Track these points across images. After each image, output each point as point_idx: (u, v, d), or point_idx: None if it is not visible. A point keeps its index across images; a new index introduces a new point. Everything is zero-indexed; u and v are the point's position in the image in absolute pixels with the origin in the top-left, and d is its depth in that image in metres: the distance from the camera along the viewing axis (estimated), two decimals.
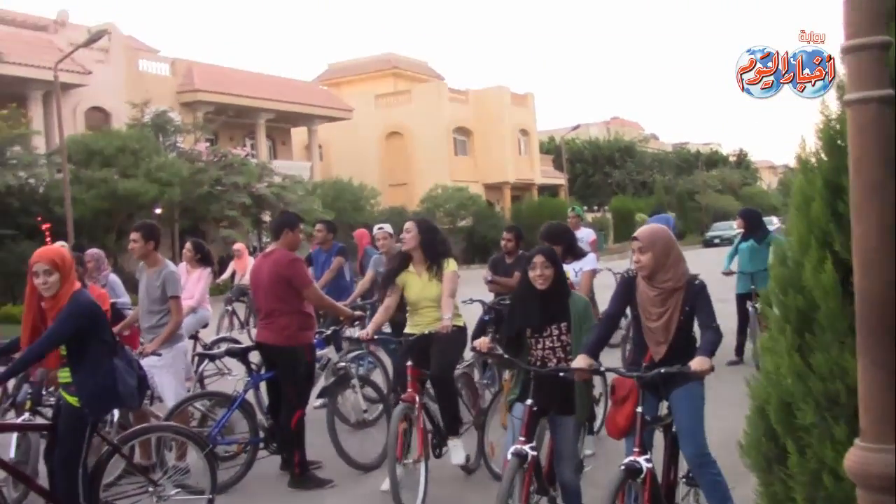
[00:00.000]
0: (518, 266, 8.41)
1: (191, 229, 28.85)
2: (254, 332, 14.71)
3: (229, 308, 15.11)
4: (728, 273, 10.69)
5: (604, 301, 4.99)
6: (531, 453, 4.42)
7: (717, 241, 46.46)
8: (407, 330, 6.31)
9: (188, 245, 9.98)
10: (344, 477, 6.53)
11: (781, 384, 2.88)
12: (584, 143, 62.49)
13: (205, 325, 9.80)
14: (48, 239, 18.71)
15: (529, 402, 4.54)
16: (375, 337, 6.33)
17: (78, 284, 5.01)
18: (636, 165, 62.54)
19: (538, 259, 4.74)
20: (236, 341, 10.17)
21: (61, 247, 5.40)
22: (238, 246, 16.55)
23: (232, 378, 9.62)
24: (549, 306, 4.74)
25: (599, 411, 6.90)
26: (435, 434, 6.16)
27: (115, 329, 6.98)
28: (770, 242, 9.81)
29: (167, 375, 6.80)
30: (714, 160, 74.18)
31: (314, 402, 7.98)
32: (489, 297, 8.71)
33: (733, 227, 43.44)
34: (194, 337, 9.58)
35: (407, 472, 5.79)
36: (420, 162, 46.44)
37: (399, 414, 5.68)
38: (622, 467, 4.12)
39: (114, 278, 8.45)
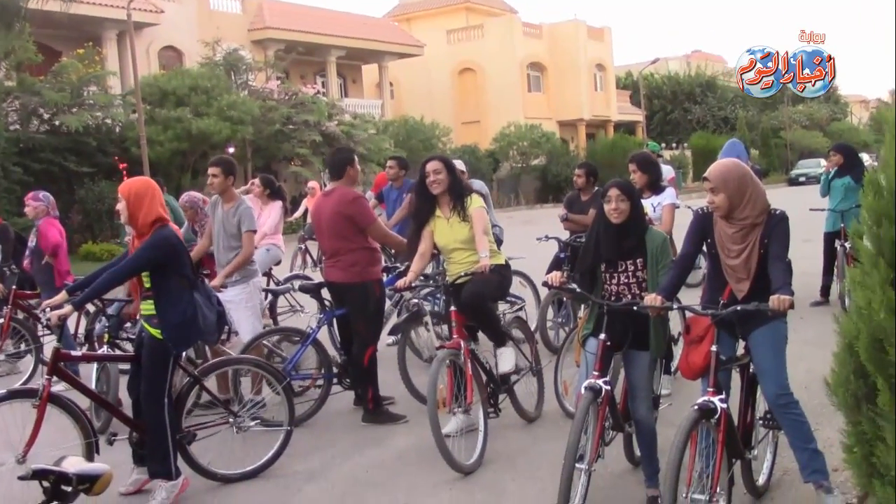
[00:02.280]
0: (593, 203, 8.30)
1: (263, 168, 29.21)
2: None
3: (302, 246, 15.31)
4: (816, 210, 10.37)
5: (681, 239, 4.88)
6: (605, 387, 4.37)
7: (802, 179, 45.16)
8: (448, 279, 6.05)
9: (256, 181, 10.09)
10: (416, 413, 6.62)
11: (873, 319, 2.78)
12: (663, 78, 60.94)
13: (277, 263, 9.95)
14: (125, 179, 19.17)
15: (602, 336, 4.48)
16: (414, 286, 6.14)
17: (160, 216, 5.10)
18: (718, 101, 60.80)
19: (613, 192, 4.62)
20: (308, 279, 10.34)
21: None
22: (312, 184, 16.71)
23: (305, 315, 9.82)
24: (624, 241, 4.65)
25: (677, 351, 6.81)
26: (490, 382, 6.03)
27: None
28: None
29: (244, 311, 6.95)
30: (801, 95, 71.64)
31: (386, 338, 8.07)
32: (565, 235, 8.66)
33: (821, 165, 42.23)
34: (267, 274, 9.75)
35: (464, 420, 5.75)
36: (492, 99, 46.02)
37: (441, 360, 5.52)
38: (695, 407, 4.04)
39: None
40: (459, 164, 8.68)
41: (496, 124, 43.44)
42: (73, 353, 5.62)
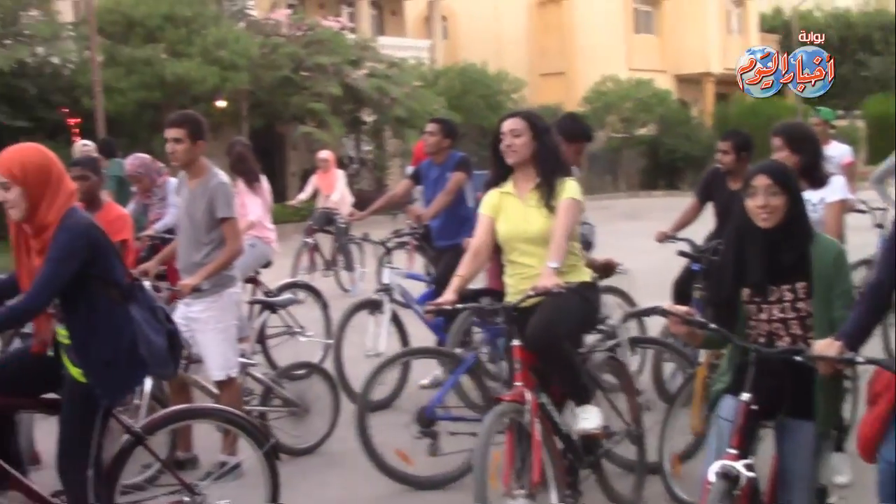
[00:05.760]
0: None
1: (264, 130, 29.26)
2: (343, 275, 14.97)
3: (310, 241, 15.24)
4: None
5: (854, 251, 4.64)
6: (747, 474, 4.28)
7: None
8: (510, 298, 5.94)
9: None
10: None
11: None
12: (827, 16, 60.40)
13: (266, 265, 9.86)
14: (76, 139, 19.28)
15: (746, 396, 4.40)
16: (459, 306, 5.90)
17: (72, 200, 4.83)
18: None
19: (760, 180, 4.48)
20: (313, 289, 10.33)
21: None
22: (325, 154, 16.60)
23: (305, 339, 9.64)
24: (778, 255, 4.51)
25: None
26: (567, 452, 5.85)
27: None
28: None
29: (211, 335, 6.80)
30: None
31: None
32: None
33: None
34: (252, 280, 9.66)
35: None
36: (584, 42, 45.95)
37: (496, 419, 5.43)
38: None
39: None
40: None
41: (588, 78, 43.37)
42: None
